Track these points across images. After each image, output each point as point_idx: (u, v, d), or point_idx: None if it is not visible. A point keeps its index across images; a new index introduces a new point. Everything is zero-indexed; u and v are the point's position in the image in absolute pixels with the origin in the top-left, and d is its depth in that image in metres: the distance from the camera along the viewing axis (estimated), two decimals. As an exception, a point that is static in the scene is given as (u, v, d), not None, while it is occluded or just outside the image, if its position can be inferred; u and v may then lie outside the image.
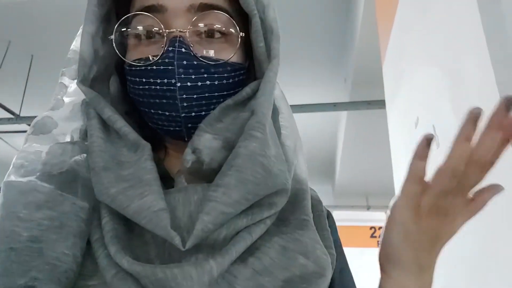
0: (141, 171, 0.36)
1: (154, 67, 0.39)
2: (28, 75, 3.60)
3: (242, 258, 0.35)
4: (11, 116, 3.61)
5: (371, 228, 6.04)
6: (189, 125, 0.41)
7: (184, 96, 0.39)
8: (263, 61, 0.43)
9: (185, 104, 0.39)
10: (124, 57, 0.42)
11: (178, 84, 0.38)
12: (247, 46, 0.45)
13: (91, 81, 0.43)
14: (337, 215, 5.16)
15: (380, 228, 6.04)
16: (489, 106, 0.70)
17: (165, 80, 0.39)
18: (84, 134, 0.41)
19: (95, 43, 0.43)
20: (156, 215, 0.33)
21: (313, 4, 2.96)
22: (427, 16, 1.06)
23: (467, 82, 0.82)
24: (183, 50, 0.39)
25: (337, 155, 5.10)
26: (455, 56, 0.88)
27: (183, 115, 0.40)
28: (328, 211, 0.49)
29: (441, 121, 0.99)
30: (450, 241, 0.43)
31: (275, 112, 0.45)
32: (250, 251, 0.36)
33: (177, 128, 0.41)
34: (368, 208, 5.92)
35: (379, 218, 6.05)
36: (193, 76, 0.39)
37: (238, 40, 0.42)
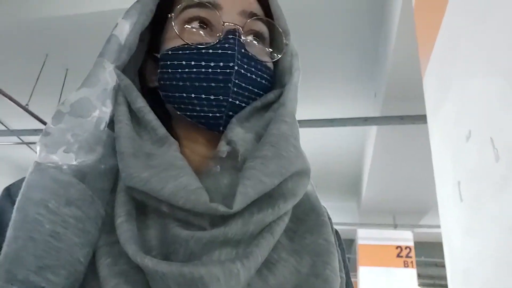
0: (172, 158, 0.37)
1: (211, 51, 0.40)
2: (63, 88, 3.71)
3: (259, 270, 0.35)
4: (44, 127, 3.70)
5: (397, 247, 5.86)
6: (230, 112, 0.41)
7: (237, 81, 0.40)
8: (286, 73, 0.46)
9: (235, 90, 0.40)
10: (162, 45, 0.45)
11: (236, 68, 0.40)
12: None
13: (125, 67, 0.44)
14: (362, 233, 5.02)
15: (406, 247, 5.85)
16: None
17: (221, 64, 0.40)
18: (111, 122, 0.41)
19: (134, 33, 0.44)
20: (194, 193, 0.33)
21: (345, 16, 2.95)
22: (487, 21, 1.02)
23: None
24: (242, 40, 0.42)
25: (364, 172, 4.99)
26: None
27: (230, 100, 0.40)
28: (336, 230, 0.49)
29: (501, 133, 0.94)
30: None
31: None
32: (267, 265, 0.36)
33: (217, 114, 0.41)
34: (395, 226, 5.76)
35: (406, 237, 5.87)
36: (245, 66, 0.41)
37: (283, 47, 0.46)
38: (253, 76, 0.42)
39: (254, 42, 0.45)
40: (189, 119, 0.42)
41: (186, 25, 0.43)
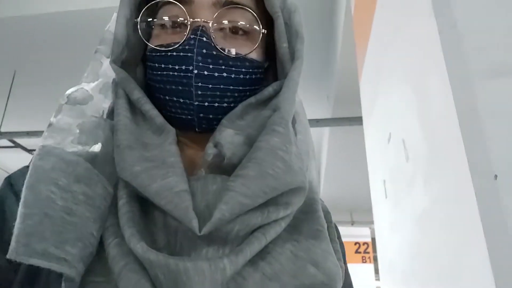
0: (165, 154, 0.37)
1: (174, 53, 0.40)
2: (10, 90, 3.57)
3: (253, 261, 0.34)
4: (-8, 131, 3.56)
5: (355, 243, 6.05)
6: (201, 114, 0.41)
7: (200, 84, 0.39)
8: (286, 61, 0.44)
9: (199, 92, 0.40)
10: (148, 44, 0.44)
11: (195, 71, 0.39)
12: (269, 47, 0.46)
13: (121, 64, 0.43)
14: (321, 231, 5.15)
15: (364, 243, 6.06)
16: (448, 125, 0.74)
17: (183, 67, 0.39)
18: (111, 113, 0.42)
19: (128, 27, 0.44)
20: (177, 196, 0.33)
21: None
22: (398, 38, 1.11)
23: (432, 100, 0.86)
24: (204, 39, 0.40)
25: (320, 172, 5.14)
26: (422, 74, 0.93)
27: (196, 103, 0.40)
28: (335, 223, 0.47)
29: (410, 135, 1.04)
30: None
31: (293, 118, 0.45)
32: (261, 255, 0.35)
33: (189, 117, 0.41)
34: (353, 223, 5.95)
35: (364, 233, 6.08)
36: (210, 66, 0.40)
37: (260, 37, 0.43)
38: (224, 74, 0.40)
39: (232, 34, 0.42)
40: (171, 120, 0.42)
41: (162, 25, 0.43)
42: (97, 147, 0.38)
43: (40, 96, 3.69)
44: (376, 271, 6.03)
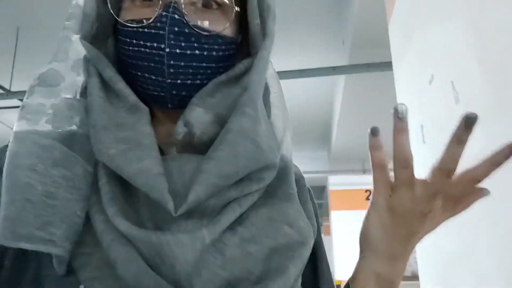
0: (140, 135, 0.37)
1: (146, 30, 0.39)
2: (16, 48, 3.47)
3: (231, 227, 0.37)
4: (2, 91, 3.51)
5: (366, 191, 6.16)
6: (174, 92, 0.41)
7: (172, 62, 0.39)
8: (257, 38, 0.43)
9: (171, 71, 0.39)
10: (118, 17, 0.42)
11: (167, 50, 0.39)
12: (242, 21, 0.45)
13: (91, 39, 0.42)
14: (333, 179, 5.19)
15: (375, 190, 6.16)
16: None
17: (155, 44, 0.39)
18: (84, 91, 0.41)
19: (97, 0, 0.42)
20: (153, 179, 0.34)
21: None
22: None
23: (495, 38, 0.80)
24: (176, 16, 0.39)
25: (333, 121, 5.10)
26: (482, 10, 0.86)
27: (168, 81, 0.40)
28: (309, 187, 0.50)
29: (461, 77, 0.98)
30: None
31: (267, 90, 0.46)
32: (239, 221, 0.38)
33: (161, 94, 0.41)
34: (364, 171, 6.01)
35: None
36: (182, 44, 0.39)
37: (233, 13, 0.42)
38: (196, 52, 0.40)
39: (204, 9, 0.42)
40: (144, 96, 0.42)
41: None
42: (71, 128, 0.38)
43: (48, 54, 3.59)
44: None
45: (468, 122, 0.40)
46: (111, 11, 0.42)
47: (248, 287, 0.35)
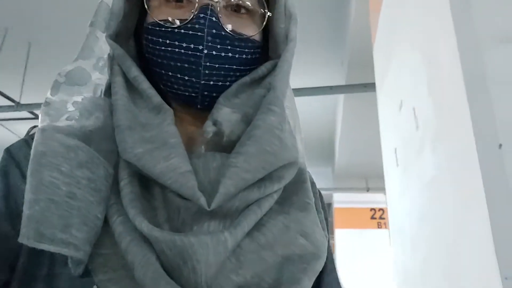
0: (165, 134, 0.38)
1: (182, 31, 0.39)
2: (27, 62, 3.62)
3: (249, 232, 0.37)
4: (12, 103, 3.65)
5: (371, 210, 6.11)
6: (206, 92, 0.41)
7: (208, 64, 0.40)
8: (280, 42, 0.45)
9: (207, 72, 0.40)
10: (146, 16, 0.43)
11: (205, 51, 0.39)
12: (264, 27, 0.46)
13: (117, 36, 0.43)
14: (337, 197, 5.14)
15: (379, 209, 6.12)
16: (456, 93, 0.74)
17: (192, 46, 0.39)
18: (108, 89, 0.42)
19: None
20: (183, 176, 0.35)
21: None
22: (409, 2, 1.08)
23: (440, 67, 0.85)
24: (214, 19, 0.40)
25: (336, 138, 5.12)
26: (431, 42, 0.91)
27: (202, 82, 0.40)
28: (320, 192, 0.50)
29: (420, 103, 1.03)
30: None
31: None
32: (257, 226, 0.38)
33: (193, 94, 0.41)
34: (368, 190, 5.98)
35: (379, 199, 6.12)
36: (218, 46, 0.40)
37: (265, 19, 0.44)
38: (229, 54, 0.41)
39: (236, 13, 0.43)
40: (171, 95, 0.43)
41: None
42: (94, 126, 0.39)
43: (57, 67, 3.72)
44: (391, 235, 6.11)
45: None
46: (148, 10, 0.42)
47: None
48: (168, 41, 0.40)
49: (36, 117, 4.11)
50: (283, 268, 0.37)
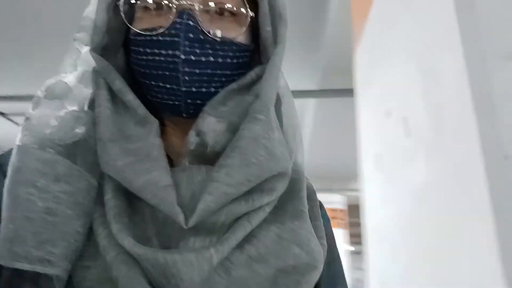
0: (149, 147, 0.37)
1: (160, 38, 0.39)
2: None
3: (240, 245, 0.36)
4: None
5: (332, 210, 6.27)
6: (189, 100, 0.40)
7: (187, 69, 0.38)
8: (269, 45, 0.43)
9: (186, 78, 0.39)
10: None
11: (182, 57, 0.38)
12: (254, 29, 0.44)
13: (101, 50, 0.42)
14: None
15: (340, 210, 6.30)
16: (461, 105, 0.75)
17: (170, 52, 0.38)
18: (92, 103, 0.41)
19: (109, 11, 0.42)
20: (162, 191, 0.34)
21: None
22: (409, 11, 1.10)
23: (441, 79, 0.87)
24: (191, 23, 0.38)
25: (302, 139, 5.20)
26: (431, 53, 0.93)
27: (183, 89, 0.39)
28: (320, 201, 0.49)
29: (414, 113, 1.05)
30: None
31: (278, 101, 0.45)
32: (248, 238, 0.37)
33: (176, 102, 0.40)
34: (331, 190, 6.14)
35: (340, 200, 6.31)
36: (197, 51, 0.39)
37: (247, 21, 0.42)
38: (211, 59, 0.39)
39: (219, 16, 0.41)
40: (158, 105, 0.42)
41: (146, 8, 0.41)
42: (76, 140, 0.37)
43: (22, 58, 3.50)
44: (352, 235, 6.31)
45: None
46: (125, 20, 0.41)
47: None
48: (148, 50, 0.39)
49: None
50: (277, 281, 0.36)
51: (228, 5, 0.41)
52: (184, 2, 0.39)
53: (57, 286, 0.33)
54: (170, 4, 0.39)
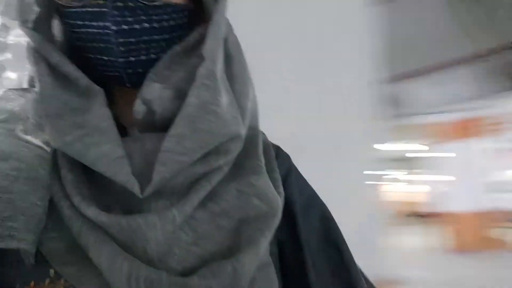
0: (97, 118, 0.36)
1: (89, 9, 0.36)
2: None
3: (202, 203, 0.37)
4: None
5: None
6: (129, 70, 0.38)
7: (121, 40, 0.37)
8: (209, 2, 0.41)
9: (122, 49, 0.37)
10: None
11: (114, 28, 0.36)
12: None
13: (34, 23, 0.39)
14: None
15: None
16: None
17: (100, 23, 0.36)
18: (32, 80, 0.40)
19: None
20: (115, 163, 0.34)
21: None
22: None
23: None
24: None
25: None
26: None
27: (121, 60, 0.37)
28: (277, 148, 0.50)
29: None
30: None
31: (228, 59, 0.43)
32: (209, 196, 0.37)
33: (116, 74, 0.39)
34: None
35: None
36: (129, 19, 0.37)
37: None
38: (146, 25, 0.37)
39: None
40: (100, 76, 0.40)
41: None
42: (23, 118, 0.37)
43: None
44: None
45: None
46: None
47: (221, 261, 0.35)
48: (79, 22, 0.37)
49: None
50: (240, 231, 0.37)
51: None
52: None
53: (26, 260, 0.33)
54: None
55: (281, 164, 0.47)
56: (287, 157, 0.50)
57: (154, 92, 0.38)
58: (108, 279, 0.32)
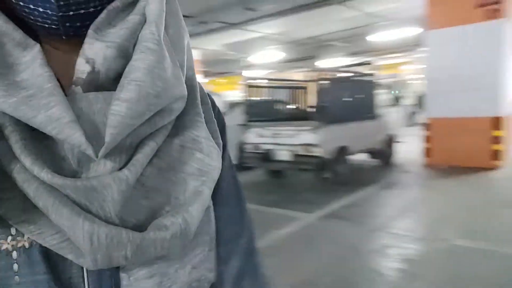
0: (39, 78, 0.35)
1: None
2: None
3: (150, 160, 0.39)
4: None
5: None
6: (67, 24, 0.37)
7: None
8: None
9: (62, 3, 0.35)
10: None
11: None
12: None
13: None
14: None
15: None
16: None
17: None
18: None
19: None
20: (67, 126, 0.33)
21: None
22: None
23: None
24: None
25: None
26: None
27: (60, 14, 0.35)
28: (213, 101, 0.51)
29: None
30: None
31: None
32: (156, 153, 0.39)
33: (53, 26, 0.37)
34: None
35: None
36: None
37: None
38: None
39: None
40: (33, 27, 0.38)
41: None
42: None
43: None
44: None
45: None
46: None
47: (170, 212, 0.38)
48: None
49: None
50: (186, 183, 0.40)
51: None
52: None
53: None
54: None
55: (218, 115, 0.51)
56: (217, 107, 0.53)
57: (98, 51, 0.37)
58: (71, 239, 0.34)
